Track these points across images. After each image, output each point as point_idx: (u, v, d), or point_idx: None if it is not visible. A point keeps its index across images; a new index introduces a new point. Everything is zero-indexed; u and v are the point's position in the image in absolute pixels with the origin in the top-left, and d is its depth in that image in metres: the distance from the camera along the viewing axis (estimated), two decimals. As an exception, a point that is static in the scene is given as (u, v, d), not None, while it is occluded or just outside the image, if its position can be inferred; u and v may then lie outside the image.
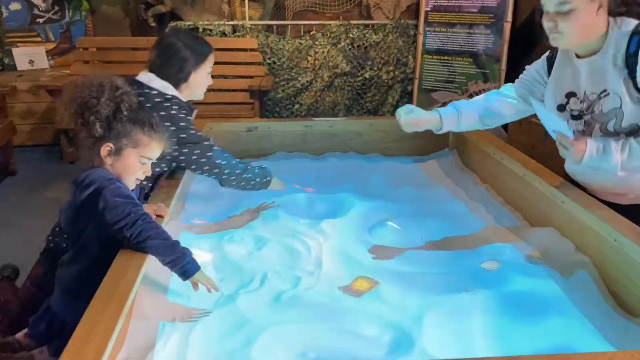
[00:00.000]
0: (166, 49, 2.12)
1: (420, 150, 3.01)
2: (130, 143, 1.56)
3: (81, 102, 1.54)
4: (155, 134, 1.61)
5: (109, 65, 4.98)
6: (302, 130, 2.91)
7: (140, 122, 1.58)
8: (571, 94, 1.80)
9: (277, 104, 5.19)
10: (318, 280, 1.73)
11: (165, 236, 1.49)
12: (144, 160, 1.61)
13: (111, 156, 1.55)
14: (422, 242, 2.04)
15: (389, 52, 5.19)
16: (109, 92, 1.55)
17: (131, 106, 1.57)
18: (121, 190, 1.50)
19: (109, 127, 1.54)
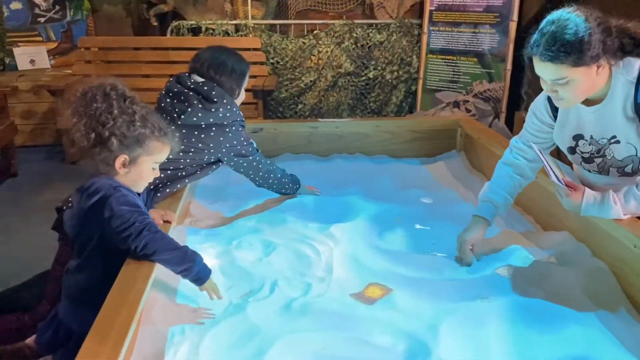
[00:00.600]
0: (218, 73, 2.11)
1: (428, 151, 2.98)
2: (144, 151, 1.52)
3: (92, 118, 1.47)
4: (164, 137, 1.57)
5: (111, 65, 4.94)
6: (308, 131, 2.87)
7: (152, 128, 1.53)
8: (579, 137, 1.75)
9: (281, 103, 5.15)
10: (329, 287, 1.69)
11: (173, 246, 1.45)
12: (156, 165, 1.58)
13: (126, 167, 1.51)
14: (433, 246, 2.00)
15: (392, 52, 5.14)
16: (117, 102, 1.49)
17: (142, 114, 1.53)
18: (127, 198, 1.46)
19: (124, 139, 1.49)
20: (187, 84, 2.09)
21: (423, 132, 2.99)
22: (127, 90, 1.57)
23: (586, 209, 1.64)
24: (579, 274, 1.70)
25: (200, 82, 2.09)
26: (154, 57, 4.87)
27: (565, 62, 1.51)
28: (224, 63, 2.11)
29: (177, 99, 2.07)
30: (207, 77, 2.10)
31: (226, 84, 2.12)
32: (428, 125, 3.00)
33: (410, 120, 3.04)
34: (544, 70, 1.57)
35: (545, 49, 1.52)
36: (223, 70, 2.10)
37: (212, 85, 2.07)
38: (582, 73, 1.53)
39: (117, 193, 1.45)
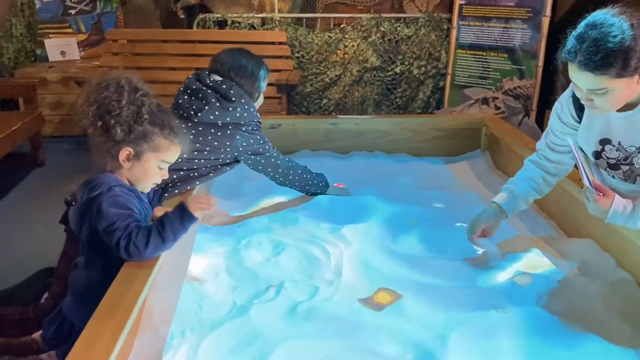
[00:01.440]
0: (237, 76, 2.10)
1: (451, 150, 2.90)
2: (150, 147, 1.49)
3: (101, 105, 1.46)
4: (174, 137, 1.54)
5: (138, 58, 4.96)
6: (327, 128, 2.82)
7: (160, 125, 1.50)
8: (606, 141, 1.64)
9: (305, 98, 5.10)
10: (337, 291, 1.64)
11: (156, 244, 1.42)
12: (163, 164, 1.54)
13: (130, 160, 1.49)
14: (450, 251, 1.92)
15: (421, 47, 5.04)
16: (128, 93, 1.47)
17: (152, 109, 1.50)
18: (117, 199, 1.43)
19: (129, 131, 1.47)
20: (206, 82, 2.07)
21: (446, 130, 2.90)
22: (143, 85, 1.55)
23: (613, 217, 1.54)
24: (601, 285, 1.61)
25: (219, 81, 2.07)
26: (180, 50, 4.87)
27: (608, 74, 1.38)
28: (244, 66, 2.10)
29: (195, 96, 2.05)
30: (227, 78, 2.08)
31: (245, 86, 2.10)
32: (452, 124, 2.92)
33: (433, 118, 2.96)
34: (582, 79, 1.44)
35: (585, 58, 1.38)
36: (243, 73, 2.09)
37: (230, 84, 2.06)
38: (624, 84, 1.40)
39: (110, 192, 1.42)
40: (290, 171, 2.24)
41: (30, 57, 5.35)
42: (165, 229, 1.42)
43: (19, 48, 5.16)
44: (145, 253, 1.40)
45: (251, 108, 2.09)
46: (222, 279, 1.64)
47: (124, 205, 1.43)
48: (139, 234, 1.39)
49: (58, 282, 1.72)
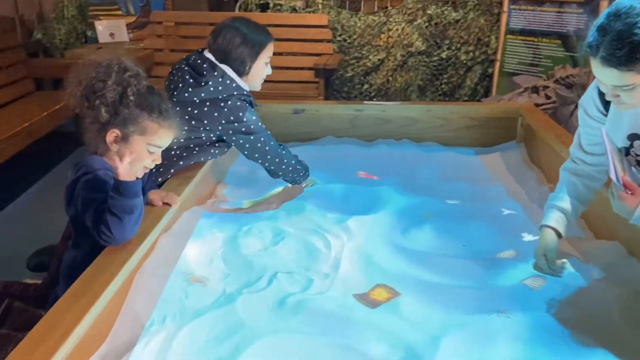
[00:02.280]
0: (226, 42, 2.01)
1: (484, 140, 2.75)
2: (137, 130, 1.46)
3: (86, 85, 1.45)
4: (164, 121, 1.49)
5: (184, 40, 5.00)
6: (352, 114, 2.73)
7: (149, 107, 1.46)
8: (634, 137, 1.47)
9: (346, 83, 5.00)
10: (332, 285, 1.56)
11: (118, 226, 1.36)
12: (153, 148, 1.50)
13: (117, 143, 1.46)
14: (462, 248, 1.81)
15: (469, 31, 4.83)
16: (116, 74, 1.45)
17: (139, 90, 1.46)
18: (97, 183, 1.40)
19: (115, 113, 1.44)
20: (189, 59, 2.01)
21: (480, 119, 2.75)
22: (135, 66, 1.52)
23: (639, 218, 1.39)
24: (621, 293, 1.47)
25: (194, 56, 2.00)
26: (221, 32, 4.87)
27: (635, 69, 1.23)
28: (236, 30, 1.99)
29: (174, 76, 2.01)
30: (215, 46, 1.99)
31: (234, 53, 1.98)
32: (486, 112, 2.76)
33: (465, 106, 2.81)
34: (606, 75, 1.30)
35: (608, 53, 1.25)
36: (234, 37, 1.98)
37: (204, 58, 1.98)
38: None
39: (89, 175, 1.41)
40: (283, 160, 2.09)
41: (80, 38, 5.49)
42: (112, 207, 1.36)
43: (70, 30, 5.30)
44: (116, 237, 1.37)
45: (227, 81, 1.97)
46: (216, 266, 1.60)
47: (102, 189, 1.41)
48: (102, 221, 1.36)
49: (55, 262, 1.74)
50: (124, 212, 1.35)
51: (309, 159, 2.56)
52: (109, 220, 1.35)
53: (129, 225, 1.38)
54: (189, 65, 2.00)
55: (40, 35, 5.09)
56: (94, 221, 1.36)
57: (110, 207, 1.35)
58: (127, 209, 1.36)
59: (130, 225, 1.38)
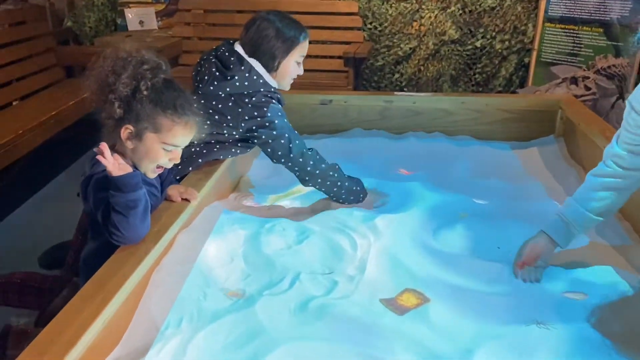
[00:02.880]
0: (257, 35, 1.89)
1: (521, 134, 2.61)
2: (150, 127, 1.39)
3: (102, 78, 1.38)
4: (179, 118, 1.41)
5: (212, 28, 4.95)
6: (382, 105, 2.62)
7: (162, 103, 1.39)
8: None
9: (376, 72, 4.88)
10: (357, 288, 1.48)
11: (124, 224, 1.30)
12: (168, 147, 1.42)
13: (132, 140, 1.40)
14: (497, 251, 1.70)
15: (505, 19, 4.66)
16: (132, 68, 1.38)
17: (153, 85, 1.39)
18: (107, 182, 1.32)
19: (129, 108, 1.37)
20: (216, 51, 1.92)
21: (516, 112, 2.61)
22: (156, 59, 1.44)
23: None
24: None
25: (223, 48, 1.91)
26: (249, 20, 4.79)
27: None
28: (270, 22, 1.87)
29: (201, 67, 1.92)
30: (246, 38, 1.89)
31: (264, 46, 1.87)
32: (523, 105, 2.62)
33: (502, 98, 2.68)
34: None
35: None
36: (266, 29, 1.86)
37: (233, 51, 1.88)
38: None
39: (101, 174, 1.34)
40: (309, 162, 1.89)
41: (110, 26, 5.49)
42: (115, 205, 1.29)
43: (100, 17, 5.30)
44: (126, 236, 1.30)
45: (255, 76, 1.87)
46: (236, 266, 1.53)
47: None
48: (110, 223, 1.30)
49: (72, 254, 1.70)
50: (127, 208, 1.28)
51: (335, 151, 2.47)
52: (116, 219, 1.28)
53: (137, 221, 1.31)
54: (217, 57, 1.91)
55: (71, 23, 5.10)
56: (104, 221, 1.31)
57: (114, 205, 1.29)
58: (130, 203, 1.29)
59: (138, 220, 1.31)
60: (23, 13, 4.46)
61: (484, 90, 4.83)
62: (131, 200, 1.28)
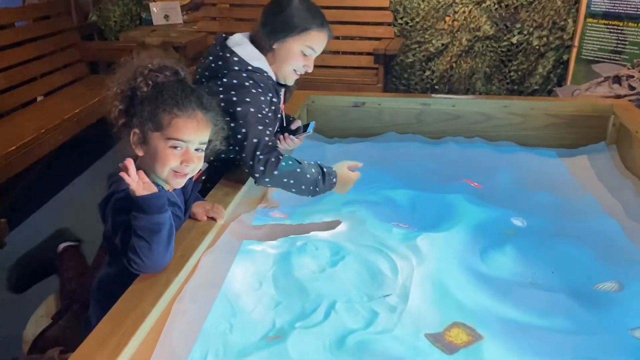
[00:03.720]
0: (268, 7, 1.71)
1: (568, 141, 2.43)
2: (152, 125, 1.25)
3: (117, 90, 1.29)
4: (180, 110, 1.25)
5: (238, 23, 4.82)
6: (418, 108, 2.46)
7: (162, 98, 1.25)
8: None
9: (406, 69, 4.70)
10: (399, 321, 1.33)
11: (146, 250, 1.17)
12: (177, 143, 1.26)
13: (140, 145, 1.27)
14: (552, 276, 1.54)
15: (543, 14, 4.45)
16: (133, 72, 1.28)
17: (152, 81, 1.26)
18: (126, 204, 1.19)
19: (131, 110, 1.26)
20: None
21: (564, 116, 2.43)
22: (173, 67, 1.32)
23: None
24: None
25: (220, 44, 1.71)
26: (277, 15, 4.65)
27: None
28: (268, 12, 1.69)
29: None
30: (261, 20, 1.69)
31: (269, 17, 1.66)
32: (572, 109, 2.43)
33: (548, 102, 2.49)
34: None
35: None
36: (280, 4, 1.67)
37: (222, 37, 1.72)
38: None
39: (120, 194, 1.21)
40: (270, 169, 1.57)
41: (135, 20, 5.40)
42: (137, 229, 1.16)
43: (125, 12, 5.22)
44: (147, 264, 1.17)
45: (228, 54, 1.63)
46: (265, 291, 1.40)
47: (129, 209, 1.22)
48: (130, 249, 1.16)
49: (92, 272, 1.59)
50: (150, 232, 1.15)
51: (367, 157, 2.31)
52: (137, 245, 1.15)
53: (160, 247, 1.17)
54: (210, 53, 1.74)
55: (95, 18, 5.02)
56: (123, 246, 1.18)
57: (136, 229, 1.16)
58: (154, 227, 1.16)
59: (161, 247, 1.17)
60: (48, 7, 4.39)
61: (519, 89, 4.62)
62: (155, 223, 1.15)
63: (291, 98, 1.93)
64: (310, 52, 1.74)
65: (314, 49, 1.75)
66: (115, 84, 1.28)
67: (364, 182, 2.07)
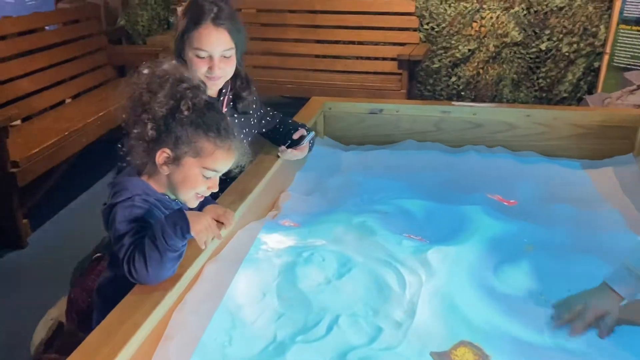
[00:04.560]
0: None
1: (594, 152, 2.34)
2: (190, 151, 1.25)
3: (136, 96, 1.25)
4: (222, 142, 1.27)
5: (264, 28, 4.82)
6: (438, 116, 2.40)
7: (205, 125, 1.25)
8: None
9: (431, 75, 4.65)
10: (405, 338, 1.28)
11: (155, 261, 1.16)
12: (209, 173, 1.28)
13: (168, 165, 1.26)
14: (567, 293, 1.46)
15: (574, 20, 4.34)
16: (170, 86, 1.24)
17: (195, 105, 1.25)
18: (134, 210, 1.21)
19: (167, 130, 1.23)
20: None
21: (589, 127, 2.34)
22: (193, 79, 1.30)
23: None
24: None
25: None
26: (302, 20, 4.64)
27: None
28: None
29: None
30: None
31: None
32: (598, 119, 2.34)
33: (573, 112, 2.40)
34: None
35: None
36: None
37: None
38: None
39: (127, 202, 1.21)
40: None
41: (162, 24, 5.46)
42: (156, 236, 1.14)
43: (153, 16, 5.29)
44: (150, 276, 1.16)
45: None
46: (268, 303, 1.37)
47: (138, 218, 1.20)
48: (138, 255, 1.15)
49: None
50: (166, 249, 1.15)
51: (384, 165, 2.29)
52: (148, 255, 1.14)
53: (169, 264, 1.18)
54: None
55: (124, 22, 5.09)
56: (126, 255, 1.17)
57: (154, 235, 1.15)
58: (170, 244, 1.16)
59: (170, 263, 1.18)
60: (78, 11, 4.47)
61: (548, 96, 4.52)
62: (174, 245, 1.16)
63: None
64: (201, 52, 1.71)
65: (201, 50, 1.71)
66: (138, 90, 1.25)
67: (378, 191, 2.04)
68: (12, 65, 3.46)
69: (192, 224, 1.17)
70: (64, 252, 2.36)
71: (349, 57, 4.51)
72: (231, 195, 1.58)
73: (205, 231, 1.22)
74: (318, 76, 4.40)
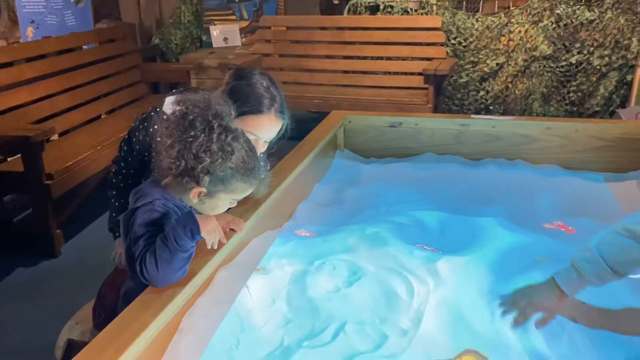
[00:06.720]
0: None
1: (616, 165, 2.31)
2: (225, 189, 1.31)
3: (187, 147, 1.26)
4: (251, 178, 1.33)
5: (293, 45, 4.92)
6: (457, 129, 2.41)
7: (242, 168, 1.30)
8: None
9: (459, 89, 4.64)
10: (409, 345, 1.30)
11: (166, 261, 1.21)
12: (235, 202, 1.40)
13: (201, 198, 1.33)
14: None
15: (605, 33, 4.28)
16: (217, 136, 1.26)
17: (242, 157, 1.30)
18: (153, 214, 1.26)
19: (204, 172, 1.27)
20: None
21: (611, 140, 2.31)
22: (231, 121, 1.34)
23: None
24: None
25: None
26: (330, 37, 4.72)
27: None
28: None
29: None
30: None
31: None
32: (619, 132, 2.31)
33: (593, 124, 2.38)
34: None
35: None
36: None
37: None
38: None
39: (148, 206, 1.27)
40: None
41: (195, 43, 5.62)
42: (167, 237, 1.20)
43: (186, 34, 5.45)
44: (159, 275, 1.21)
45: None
46: (277, 309, 1.40)
47: (156, 221, 1.26)
48: (149, 255, 1.21)
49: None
50: (176, 249, 1.21)
51: (404, 178, 2.31)
52: (158, 254, 1.20)
53: (179, 264, 1.23)
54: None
55: (158, 40, 5.27)
56: (139, 256, 1.23)
57: (166, 236, 1.21)
58: (180, 244, 1.22)
59: (179, 264, 1.23)
60: (114, 31, 4.66)
61: (579, 110, 4.45)
62: (183, 246, 1.22)
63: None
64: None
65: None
66: (174, 122, 1.29)
67: (395, 203, 2.07)
68: (52, 82, 3.63)
69: (202, 226, 1.24)
70: (94, 263, 2.44)
71: (376, 73, 4.56)
72: (245, 205, 1.63)
73: (213, 233, 1.29)
74: (345, 91, 4.46)
